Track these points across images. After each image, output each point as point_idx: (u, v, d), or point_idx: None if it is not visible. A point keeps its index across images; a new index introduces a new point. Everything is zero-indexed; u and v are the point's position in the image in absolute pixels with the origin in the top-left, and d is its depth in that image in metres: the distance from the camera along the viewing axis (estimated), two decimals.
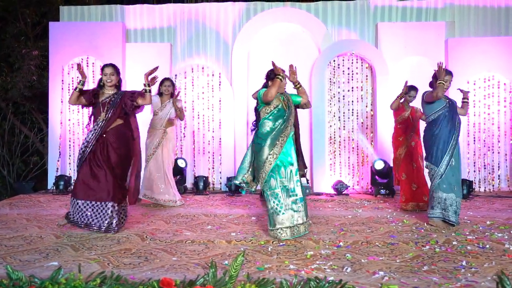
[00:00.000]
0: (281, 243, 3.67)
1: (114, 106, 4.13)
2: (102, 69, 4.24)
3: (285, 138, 3.92)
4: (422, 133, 4.82)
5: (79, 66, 4.22)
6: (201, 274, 2.63)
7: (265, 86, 4.10)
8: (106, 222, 3.97)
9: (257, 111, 4.05)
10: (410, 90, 5.45)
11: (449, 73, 4.39)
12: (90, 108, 4.29)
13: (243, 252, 2.47)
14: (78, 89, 4.13)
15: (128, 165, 4.25)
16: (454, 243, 3.66)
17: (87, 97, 4.18)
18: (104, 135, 4.11)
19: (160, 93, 5.68)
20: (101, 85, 4.25)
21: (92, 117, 4.26)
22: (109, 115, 4.12)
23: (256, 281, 2.31)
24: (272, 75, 4.02)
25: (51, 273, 2.38)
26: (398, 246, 3.60)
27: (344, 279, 2.65)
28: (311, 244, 3.65)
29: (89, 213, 4.00)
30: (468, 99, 4.64)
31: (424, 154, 4.61)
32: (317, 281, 2.33)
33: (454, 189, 4.26)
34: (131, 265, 3.03)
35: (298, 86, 4.20)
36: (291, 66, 4.15)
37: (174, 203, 5.56)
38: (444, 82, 4.24)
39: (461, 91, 4.73)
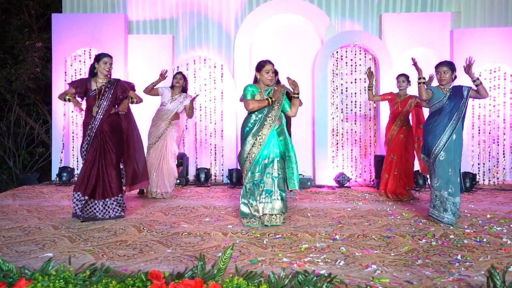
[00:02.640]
0: (277, 236, 3.67)
1: (109, 94, 4.18)
2: (100, 57, 4.23)
3: (264, 137, 4.01)
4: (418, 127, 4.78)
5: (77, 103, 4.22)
6: (194, 266, 2.64)
7: (256, 80, 4.15)
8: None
9: None
10: (399, 76, 5.49)
11: (447, 63, 4.26)
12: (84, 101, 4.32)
13: (232, 245, 2.47)
14: (70, 101, 4.18)
15: (121, 155, 4.32)
16: (451, 236, 3.64)
17: (80, 90, 4.20)
18: (103, 127, 4.16)
19: (172, 86, 5.72)
20: (94, 73, 4.25)
21: (86, 107, 4.25)
22: (105, 104, 4.15)
23: (244, 274, 2.31)
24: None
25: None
26: (394, 239, 3.58)
27: (336, 273, 2.65)
28: (307, 237, 3.65)
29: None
30: (477, 79, 4.15)
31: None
32: (306, 274, 2.32)
33: (438, 183, 4.09)
34: (125, 257, 3.06)
35: (296, 96, 4.16)
36: (288, 78, 4.12)
37: (165, 195, 5.59)
38: (421, 82, 4.15)
39: (469, 75, 4.30)
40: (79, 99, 4.25)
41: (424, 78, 4.21)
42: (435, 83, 4.65)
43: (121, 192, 4.32)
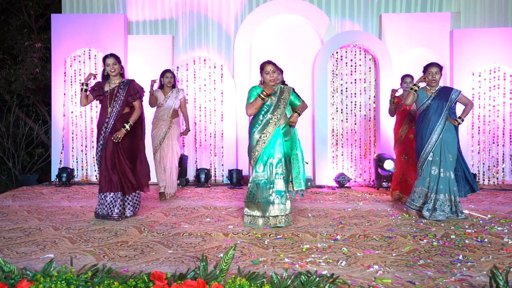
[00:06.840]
0: (278, 236, 3.67)
1: (122, 96, 4.25)
2: (104, 60, 4.33)
3: (268, 135, 4.01)
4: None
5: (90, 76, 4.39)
6: (197, 267, 2.64)
7: (262, 81, 4.11)
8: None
9: None
10: (405, 77, 5.48)
11: (437, 65, 4.39)
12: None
13: (234, 246, 2.46)
14: (84, 89, 4.31)
15: (137, 153, 4.39)
16: (452, 237, 3.63)
17: (95, 93, 4.34)
18: (116, 126, 4.24)
19: (161, 86, 5.69)
20: (105, 76, 4.36)
21: (100, 108, 4.38)
22: (118, 105, 4.23)
23: (246, 274, 2.30)
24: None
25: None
26: (395, 239, 3.57)
27: (338, 273, 2.65)
28: (308, 237, 3.64)
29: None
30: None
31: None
32: (308, 275, 2.32)
33: (427, 184, 4.36)
34: (126, 258, 3.05)
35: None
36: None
37: (172, 195, 5.68)
38: (414, 89, 4.32)
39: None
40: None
41: (418, 87, 4.32)
42: None
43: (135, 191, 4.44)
